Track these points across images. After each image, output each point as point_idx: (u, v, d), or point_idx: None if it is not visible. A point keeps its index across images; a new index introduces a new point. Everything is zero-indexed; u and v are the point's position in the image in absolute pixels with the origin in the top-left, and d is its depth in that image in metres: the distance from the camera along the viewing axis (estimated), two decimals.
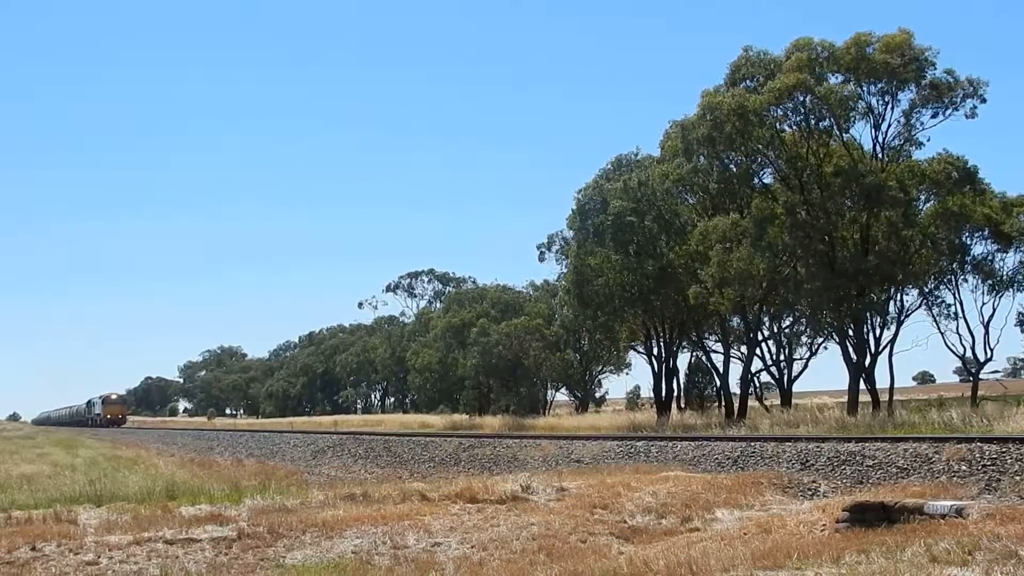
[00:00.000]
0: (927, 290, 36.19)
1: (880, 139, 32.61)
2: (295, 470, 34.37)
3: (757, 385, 43.42)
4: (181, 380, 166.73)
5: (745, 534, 13.64)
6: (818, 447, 20.56)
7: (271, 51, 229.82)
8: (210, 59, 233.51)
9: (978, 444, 17.74)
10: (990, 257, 35.64)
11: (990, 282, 35.72)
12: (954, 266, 35.34)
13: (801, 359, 43.05)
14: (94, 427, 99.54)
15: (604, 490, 17.87)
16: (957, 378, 77.85)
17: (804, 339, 43.32)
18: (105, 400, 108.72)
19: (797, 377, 41.82)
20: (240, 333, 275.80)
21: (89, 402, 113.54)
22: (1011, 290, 36.06)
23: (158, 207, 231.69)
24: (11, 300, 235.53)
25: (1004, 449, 17.16)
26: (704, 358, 43.32)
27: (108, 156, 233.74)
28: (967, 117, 31.26)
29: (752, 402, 39.56)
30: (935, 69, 30.98)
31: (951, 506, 13.09)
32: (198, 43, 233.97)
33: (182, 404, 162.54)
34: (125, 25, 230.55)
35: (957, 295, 36.19)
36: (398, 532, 13.97)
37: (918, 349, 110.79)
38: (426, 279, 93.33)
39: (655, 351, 43.49)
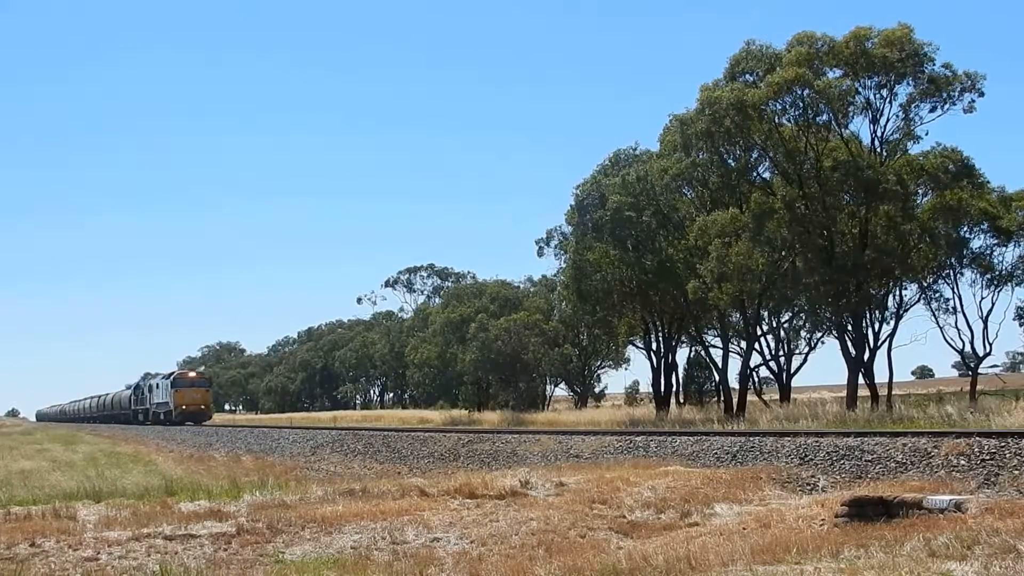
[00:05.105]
0: (926, 284, 36.22)
1: (879, 133, 32.72)
2: (294, 466, 34.37)
3: (756, 380, 43.52)
4: None
5: (744, 529, 13.65)
6: (817, 442, 20.57)
7: (270, 45, 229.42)
8: (209, 52, 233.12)
9: (977, 439, 17.75)
10: (988, 251, 35.70)
11: (989, 276, 35.76)
12: (952, 260, 35.37)
13: (800, 354, 43.20)
14: (156, 424, 63.99)
15: (603, 485, 17.87)
16: (956, 373, 77.97)
17: (803, 334, 43.44)
18: (177, 380, 65.85)
19: (796, 372, 42.04)
20: (239, 329, 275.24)
21: (138, 387, 73.31)
22: (1010, 284, 36.13)
23: (156, 202, 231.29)
24: (7, 297, 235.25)
25: (1003, 443, 17.17)
26: (703, 353, 43.39)
27: (106, 152, 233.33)
28: (965, 111, 31.37)
29: (751, 397, 39.63)
30: (934, 64, 31.05)
31: (950, 500, 13.09)
32: (198, 36, 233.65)
33: None
34: (125, 16, 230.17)
35: (956, 289, 36.31)
36: (397, 527, 13.96)
37: (917, 344, 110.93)
38: (425, 274, 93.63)
39: (654, 346, 43.54)
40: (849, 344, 32.46)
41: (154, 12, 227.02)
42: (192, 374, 71.38)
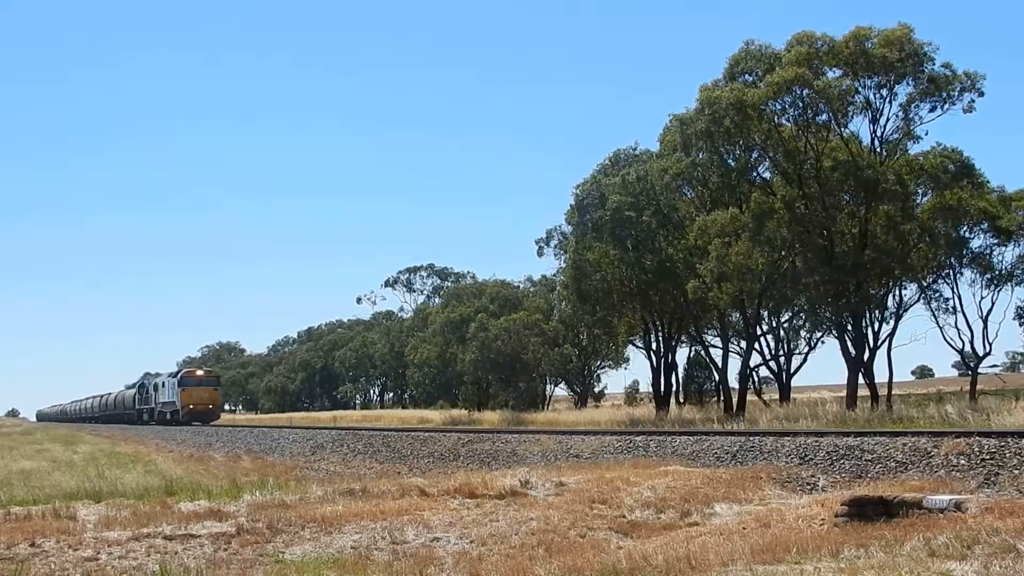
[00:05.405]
0: (926, 284, 36.23)
1: (879, 133, 32.73)
2: (294, 465, 34.39)
3: (756, 380, 43.54)
4: None
5: (744, 528, 13.66)
6: (817, 441, 20.57)
7: (270, 45, 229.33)
8: (209, 52, 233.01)
9: (977, 438, 17.76)
10: (988, 251, 35.71)
11: (988, 276, 35.77)
12: (952, 260, 35.38)
13: (800, 353, 43.21)
14: (161, 425, 62.58)
15: (603, 485, 17.88)
16: (956, 372, 77.92)
17: (803, 333, 43.44)
18: (184, 378, 63.12)
19: (796, 371, 42.05)
20: (239, 329, 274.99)
21: (143, 386, 72.71)
22: (1009, 284, 36.12)
23: (156, 202, 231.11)
24: (7, 297, 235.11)
25: (1003, 443, 17.17)
26: (703, 353, 43.41)
27: (106, 152, 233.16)
28: (965, 111, 31.34)
29: (751, 396, 39.63)
30: (933, 64, 31.05)
31: (950, 500, 13.09)
32: (198, 36, 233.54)
33: None
34: (125, 16, 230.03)
35: (955, 289, 36.30)
36: (397, 527, 13.97)
37: (917, 343, 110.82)
38: (425, 274, 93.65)
39: (654, 346, 43.54)
40: (849, 344, 32.46)
41: (154, 12, 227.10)
42: (200, 372, 67.68)
